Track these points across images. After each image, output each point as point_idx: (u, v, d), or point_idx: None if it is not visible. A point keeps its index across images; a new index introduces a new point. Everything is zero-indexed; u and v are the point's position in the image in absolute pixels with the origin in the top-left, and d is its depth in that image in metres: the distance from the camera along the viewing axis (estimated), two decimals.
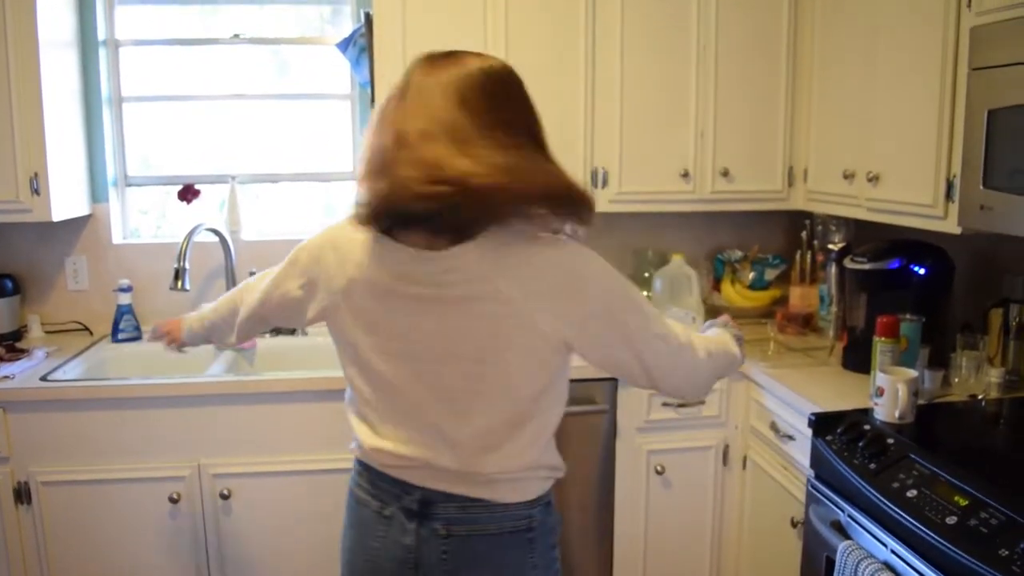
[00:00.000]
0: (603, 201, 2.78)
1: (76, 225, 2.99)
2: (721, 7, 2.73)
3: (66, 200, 2.78)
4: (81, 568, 2.46)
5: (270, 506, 2.48)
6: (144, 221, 3.22)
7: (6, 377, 2.45)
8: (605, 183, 2.77)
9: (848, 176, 2.47)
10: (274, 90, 3.19)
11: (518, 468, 1.46)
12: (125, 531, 2.45)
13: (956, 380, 2.28)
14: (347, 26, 3.13)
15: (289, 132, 3.20)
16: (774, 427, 2.39)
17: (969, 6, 1.96)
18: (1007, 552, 1.42)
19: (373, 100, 2.76)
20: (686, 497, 2.64)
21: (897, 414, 1.96)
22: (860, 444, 1.92)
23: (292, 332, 2.96)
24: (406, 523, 1.46)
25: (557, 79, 2.71)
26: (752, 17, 2.75)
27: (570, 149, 2.74)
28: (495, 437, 1.42)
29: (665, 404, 2.56)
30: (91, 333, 2.98)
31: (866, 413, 2.04)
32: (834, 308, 2.74)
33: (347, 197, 3.02)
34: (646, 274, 3.04)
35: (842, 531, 1.90)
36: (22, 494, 2.41)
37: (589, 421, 2.57)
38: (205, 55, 3.15)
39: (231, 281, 2.99)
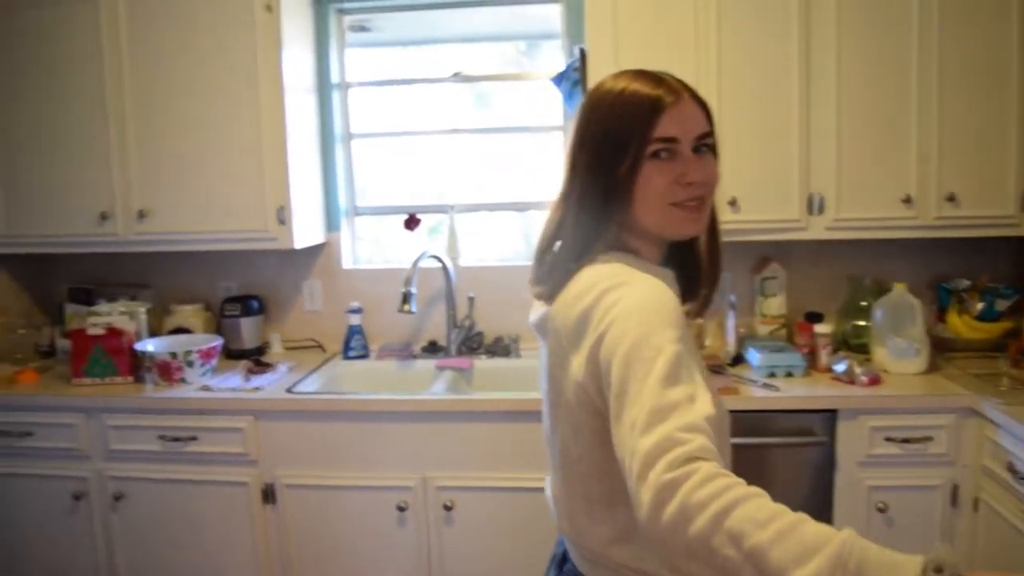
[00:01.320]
0: (819, 228, 2.73)
1: (312, 252, 3.27)
2: (945, 21, 2.62)
3: (306, 229, 3.06)
4: (317, 565, 2.69)
5: (489, 520, 2.60)
6: (360, 247, 3.47)
7: (256, 388, 2.72)
8: (821, 209, 2.71)
9: None
10: (484, 123, 3.36)
11: (590, 549, 1.27)
12: (357, 534, 2.65)
13: None
14: (544, 58, 3.29)
15: (496, 162, 3.36)
16: (1011, 468, 2.24)
17: None
18: None
19: None
20: (911, 538, 2.50)
21: None
22: None
23: (507, 354, 3.08)
24: (552, 569, 1.42)
25: (769, 106, 2.69)
26: (978, 30, 2.61)
27: (784, 175, 2.71)
28: (564, 504, 1.31)
29: (888, 439, 2.47)
30: (324, 350, 3.25)
31: None
32: None
33: None
34: (863, 303, 2.94)
35: None
36: (268, 495, 2.66)
37: (804, 453, 2.52)
38: (415, 92, 3.37)
39: (451, 304, 3.16)
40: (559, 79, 2.97)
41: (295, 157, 2.95)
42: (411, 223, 3.23)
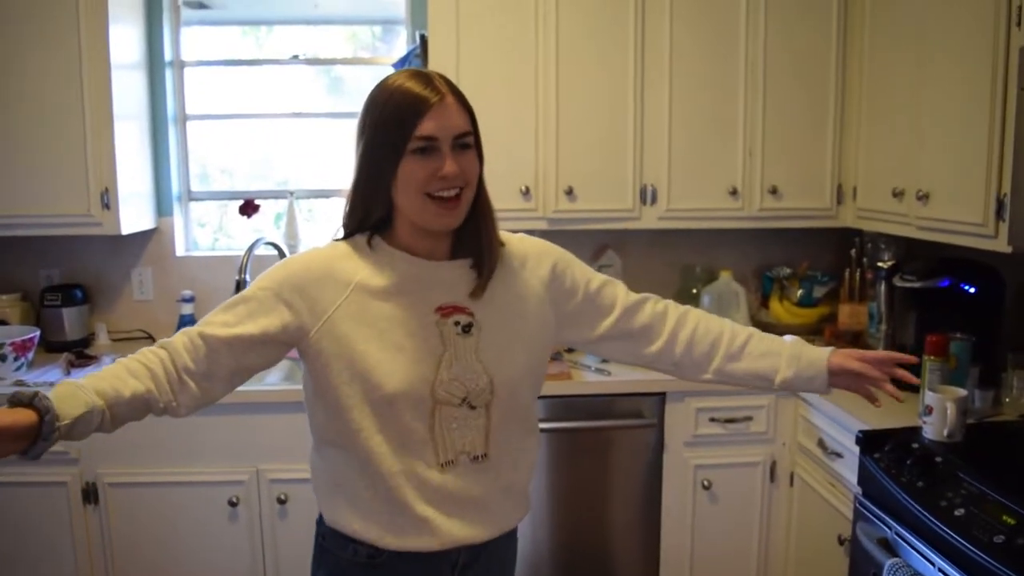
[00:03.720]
0: (652, 218, 2.82)
1: (142, 238, 3.11)
2: (769, 26, 2.76)
3: (134, 214, 2.90)
4: (144, 566, 2.57)
5: None
6: (202, 234, 3.34)
7: None
8: (654, 200, 2.81)
9: (897, 194, 2.47)
10: (329, 108, 3.29)
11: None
12: (186, 532, 2.55)
13: (1007, 400, 2.27)
14: (398, 44, 3.24)
15: (342, 148, 3.30)
16: (822, 444, 2.40)
17: (1019, 25, 1.96)
18: None
19: None
20: (733, 512, 2.65)
21: (946, 432, 1.96)
22: (908, 462, 1.92)
23: None
24: None
25: (606, 97, 2.76)
26: (801, 35, 2.77)
27: (619, 166, 2.79)
28: None
29: (713, 419, 2.59)
30: (153, 340, 3.08)
31: (915, 431, 2.04)
32: (883, 326, 2.73)
33: None
34: (694, 290, 3.07)
35: (889, 548, 1.90)
36: (90, 494, 2.52)
37: (636, 435, 2.61)
38: (264, 74, 3.27)
39: None
40: (400, 65, 2.94)
41: (122, 138, 2.79)
42: (247, 209, 3.13)
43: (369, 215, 1.39)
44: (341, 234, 1.44)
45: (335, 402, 1.35)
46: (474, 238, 1.41)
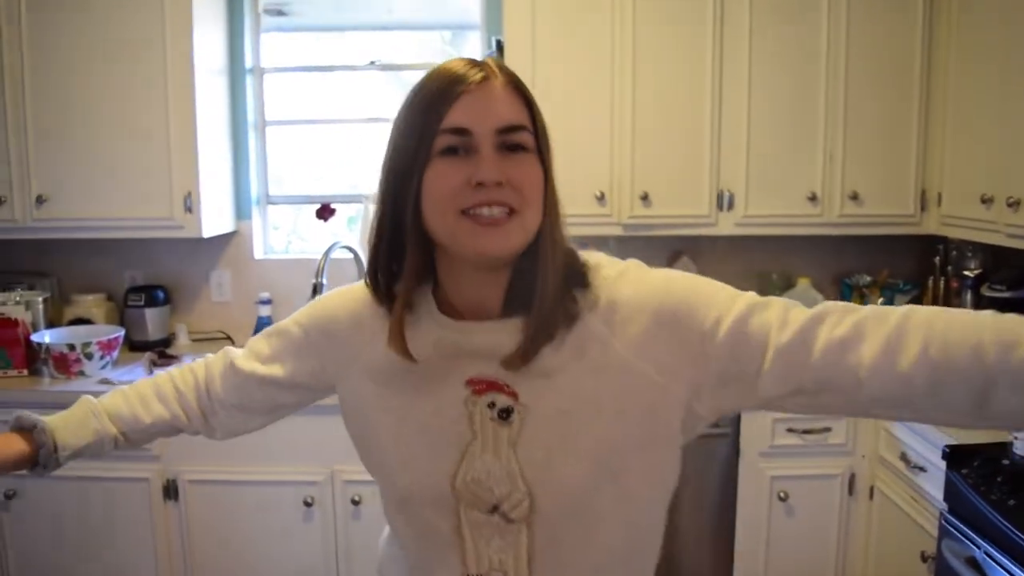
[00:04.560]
0: (729, 224, 2.78)
1: (221, 241, 3.19)
2: (851, 29, 2.69)
3: (215, 218, 2.98)
4: (221, 561, 2.63)
5: None
6: (276, 237, 3.41)
7: None
8: (731, 206, 2.77)
9: (986, 201, 2.39)
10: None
11: None
12: (262, 530, 2.60)
13: None
14: (467, 49, 3.27)
15: None
16: (904, 458, 2.33)
17: None
18: None
19: None
20: (810, 525, 2.59)
21: None
22: (999, 479, 1.86)
23: None
24: None
25: (684, 101, 2.74)
26: (884, 37, 2.70)
27: (695, 171, 2.76)
28: None
29: (790, 430, 2.54)
30: (232, 342, 3.17)
31: (1004, 447, 1.97)
32: None
33: None
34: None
35: (977, 568, 1.84)
36: (171, 491, 2.59)
37: (710, 444, 2.57)
38: (338, 80, 3.32)
39: None
40: None
41: (204, 143, 2.86)
42: (324, 212, 3.18)
43: (395, 261, 1.03)
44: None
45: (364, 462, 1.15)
46: (530, 286, 0.98)
